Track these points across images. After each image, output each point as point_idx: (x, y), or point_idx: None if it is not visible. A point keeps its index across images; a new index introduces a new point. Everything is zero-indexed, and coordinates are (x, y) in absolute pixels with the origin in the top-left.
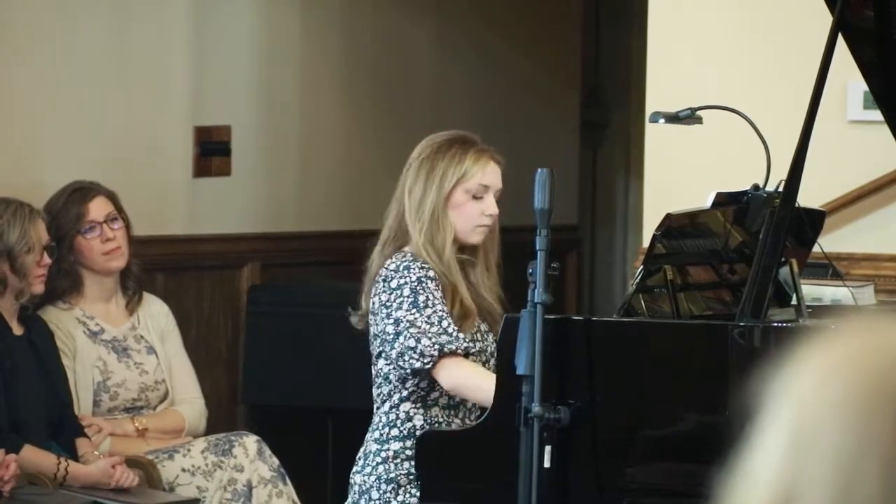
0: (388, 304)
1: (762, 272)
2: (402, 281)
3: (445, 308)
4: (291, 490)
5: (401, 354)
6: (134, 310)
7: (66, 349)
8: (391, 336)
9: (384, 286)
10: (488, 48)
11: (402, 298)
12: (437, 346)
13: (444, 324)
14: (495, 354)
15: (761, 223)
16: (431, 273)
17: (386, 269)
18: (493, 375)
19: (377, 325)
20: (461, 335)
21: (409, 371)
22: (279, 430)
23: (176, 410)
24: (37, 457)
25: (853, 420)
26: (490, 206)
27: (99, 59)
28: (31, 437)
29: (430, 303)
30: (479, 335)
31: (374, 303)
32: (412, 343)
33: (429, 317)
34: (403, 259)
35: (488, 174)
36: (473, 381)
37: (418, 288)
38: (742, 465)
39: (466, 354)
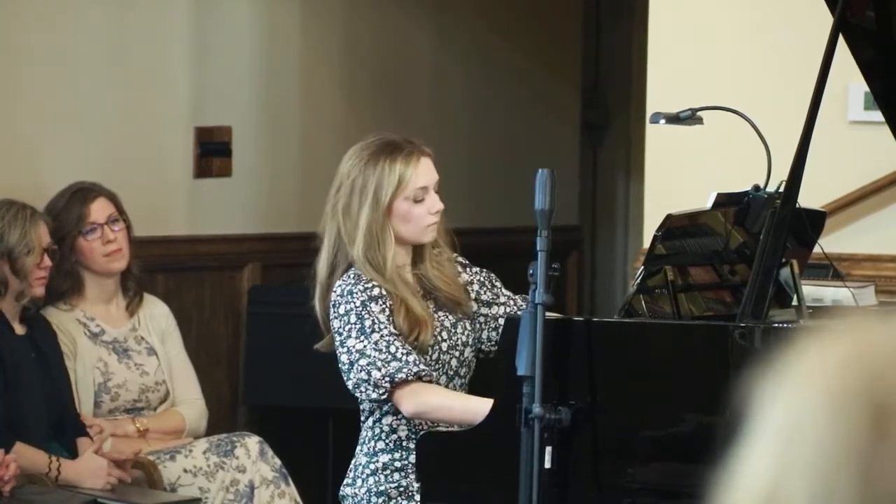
0: (340, 331)
1: (763, 273)
2: (348, 307)
3: (392, 329)
4: (294, 490)
5: (356, 386)
6: (134, 311)
7: (66, 350)
8: (346, 367)
9: (334, 312)
10: (488, 48)
11: (350, 325)
12: (387, 377)
13: (393, 349)
14: (470, 344)
15: (762, 224)
16: (376, 291)
17: (334, 293)
18: (456, 393)
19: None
20: (412, 357)
21: (367, 402)
22: (279, 431)
23: (176, 411)
24: (30, 455)
25: (835, 419)
26: (434, 203)
27: (99, 60)
28: (31, 437)
29: (376, 327)
30: (444, 333)
31: (331, 326)
32: (364, 375)
33: (376, 343)
34: (347, 283)
35: (423, 175)
36: (434, 403)
37: (363, 313)
38: (734, 465)
39: (420, 377)
